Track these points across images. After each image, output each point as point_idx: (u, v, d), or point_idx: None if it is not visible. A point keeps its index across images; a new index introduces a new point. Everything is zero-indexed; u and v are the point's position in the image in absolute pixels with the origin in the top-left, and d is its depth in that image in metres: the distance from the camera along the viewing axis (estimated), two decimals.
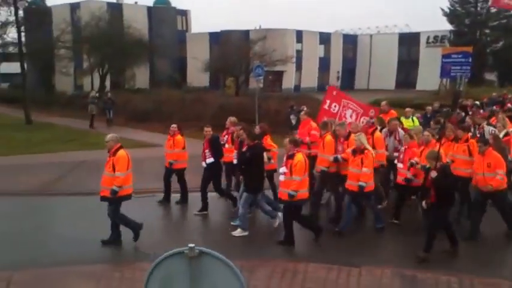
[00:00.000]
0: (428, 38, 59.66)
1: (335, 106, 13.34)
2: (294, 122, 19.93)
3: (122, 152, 9.34)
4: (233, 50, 39.33)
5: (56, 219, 11.55)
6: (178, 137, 12.08)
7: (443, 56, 41.30)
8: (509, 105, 19.40)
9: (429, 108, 17.80)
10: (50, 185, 13.94)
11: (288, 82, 55.57)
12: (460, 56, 39.81)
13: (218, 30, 53.47)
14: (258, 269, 7.99)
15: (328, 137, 10.88)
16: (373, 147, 10.48)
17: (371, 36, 66.21)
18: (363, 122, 12.66)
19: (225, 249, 7.59)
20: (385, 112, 13.72)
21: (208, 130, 11.70)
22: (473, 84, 39.25)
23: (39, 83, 43.29)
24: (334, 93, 13.97)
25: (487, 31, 53.11)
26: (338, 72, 63.95)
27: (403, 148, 10.54)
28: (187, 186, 12.26)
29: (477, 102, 20.22)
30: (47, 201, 12.06)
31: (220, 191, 11.92)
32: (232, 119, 12.45)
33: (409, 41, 61.98)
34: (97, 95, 29.83)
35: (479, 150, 9.56)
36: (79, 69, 45.25)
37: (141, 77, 47.97)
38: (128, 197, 9.38)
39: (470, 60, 39.58)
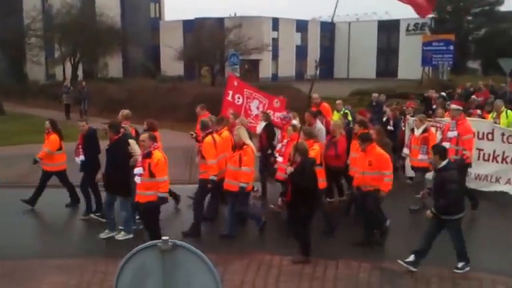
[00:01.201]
0: (408, 25, 59.33)
1: (239, 98, 12.48)
2: None
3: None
4: (207, 38, 38.60)
5: (31, 211, 11.15)
6: (52, 136, 10.83)
7: (424, 44, 40.98)
8: (473, 97, 18.42)
9: (375, 95, 17.32)
10: (25, 177, 13.41)
11: (265, 71, 54.90)
12: (441, 44, 39.48)
13: (192, 17, 52.78)
14: (233, 262, 7.93)
15: (225, 133, 9.88)
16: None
17: (349, 23, 65.62)
18: (277, 118, 11.68)
19: (199, 242, 7.71)
20: (317, 105, 13.06)
21: (83, 124, 10.63)
22: (457, 73, 38.86)
23: (10, 72, 42.08)
24: (236, 83, 12.96)
25: (470, 18, 52.91)
26: (316, 61, 63.33)
27: (285, 141, 9.83)
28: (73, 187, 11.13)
29: (443, 94, 19.28)
30: (23, 193, 11.50)
31: (84, 190, 10.61)
32: (125, 112, 10.86)
33: (388, 29, 61.75)
34: (70, 85, 28.65)
35: (360, 147, 8.65)
36: (51, 58, 44.18)
37: (114, 66, 47.04)
38: None
39: (452, 48, 39.26)
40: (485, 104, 15.56)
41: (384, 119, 13.34)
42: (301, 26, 62.00)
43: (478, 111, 13.01)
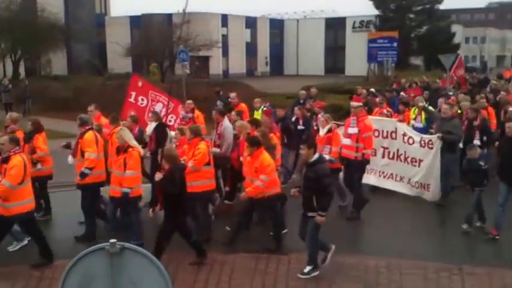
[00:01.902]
0: (354, 23, 60.53)
1: (142, 100, 11.71)
2: None
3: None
4: (155, 34, 38.07)
5: None
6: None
7: (370, 41, 41.97)
8: (402, 93, 18.05)
9: (303, 92, 16.93)
10: None
11: (216, 68, 54.66)
12: (386, 41, 40.52)
13: (139, 13, 52.15)
14: (186, 261, 7.76)
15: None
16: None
17: (297, 21, 66.29)
18: (170, 121, 11.20)
19: (152, 243, 7.32)
20: (234, 105, 12.79)
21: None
22: (400, 69, 39.87)
23: None
24: (140, 84, 12.06)
25: (412, 16, 54.28)
26: (266, 57, 63.68)
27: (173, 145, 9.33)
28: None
29: (373, 90, 19.03)
30: None
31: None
32: (14, 115, 9.84)
33: (335, 26, 62.70)
34: (9, 83, 27.56)
35: (248, 151, 8.15)
36: None
37: (58, 63, 45.86)
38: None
39: (396, 45, 40.32)
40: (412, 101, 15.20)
41: (293, 118, 12.61)
42: (251, 23, 62.10)
43: (385, 111, 12.37)
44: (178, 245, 8.07)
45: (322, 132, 9.95)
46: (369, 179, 10.92)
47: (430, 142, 10.18)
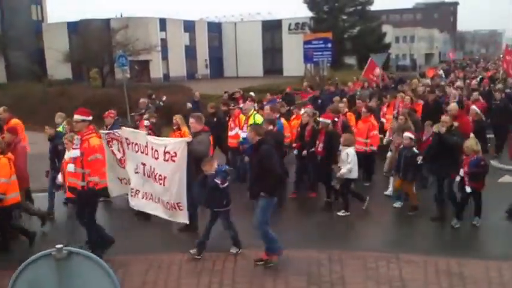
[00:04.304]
0: (290, 25, 62.13)
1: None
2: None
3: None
4: (94, 39, 37.84)
5: None
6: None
7: (305, 43, 43.11)
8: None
9: (197, 94, 17.43)
10: None
11: (156, 71, 54.75)
12: (320, 42, 41.91)
13: (77, 19, 51.54)
14: (134, 263, 7.80)
15: None
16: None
17: (235, 24, 67.31)
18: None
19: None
20: (4, 122, 11.53)
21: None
22: (335, 69, 41.41)
23: None
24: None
25: (344, 17, 56.08)
26: (206, 60, 64.24)
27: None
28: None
29: (252, 93, 18.64)
30: None
31: None
32: None
33: (272, 28, 64.06)
34: None
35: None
36: None
37: None
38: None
39: (330, 45, 41.88)
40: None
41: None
42: (189, 27, 62.46)
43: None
44: (127, 249, 8.36)
45: None
46: (138, 201, 9.21)
47: (174, 154, 8.44)
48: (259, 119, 11.74)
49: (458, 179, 9.30)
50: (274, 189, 7.59)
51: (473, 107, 13.40)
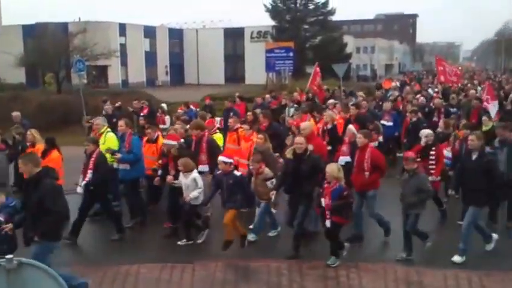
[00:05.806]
0: (252, 33, 62.25)
1: None
2: None
3: None
4: (50, 43, 36.76)
5: None
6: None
7: (267, 51, 43.34)
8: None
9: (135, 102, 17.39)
10: None
11: (115, 77, 53.85)
12: (282, 51, 42.19)
13: (33, 22, 50.05)
14: (88, 275, 7.46)
15: None
16: None
17: (197, 30, 66.93)
18: None
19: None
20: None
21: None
22: (297, 78, 41.52)
23: None
24: None
25: (306, 27, 56.37)
26: (166, 66, 63.62)
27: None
28: None
29: (164, 105, 18.83)
30: None
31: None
32: None
33: (234, 36, 64.04)
34: None
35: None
36: None
37: None
38: None
39: (292, 54, 42.10)
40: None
41: None
42: (150, 32, 61.80)
43: None
44: (80, 259, 8.34)
45: None
46: None
47: None
48: (111, 138, 10.37)
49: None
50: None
51: (350, 126, 10.80)
